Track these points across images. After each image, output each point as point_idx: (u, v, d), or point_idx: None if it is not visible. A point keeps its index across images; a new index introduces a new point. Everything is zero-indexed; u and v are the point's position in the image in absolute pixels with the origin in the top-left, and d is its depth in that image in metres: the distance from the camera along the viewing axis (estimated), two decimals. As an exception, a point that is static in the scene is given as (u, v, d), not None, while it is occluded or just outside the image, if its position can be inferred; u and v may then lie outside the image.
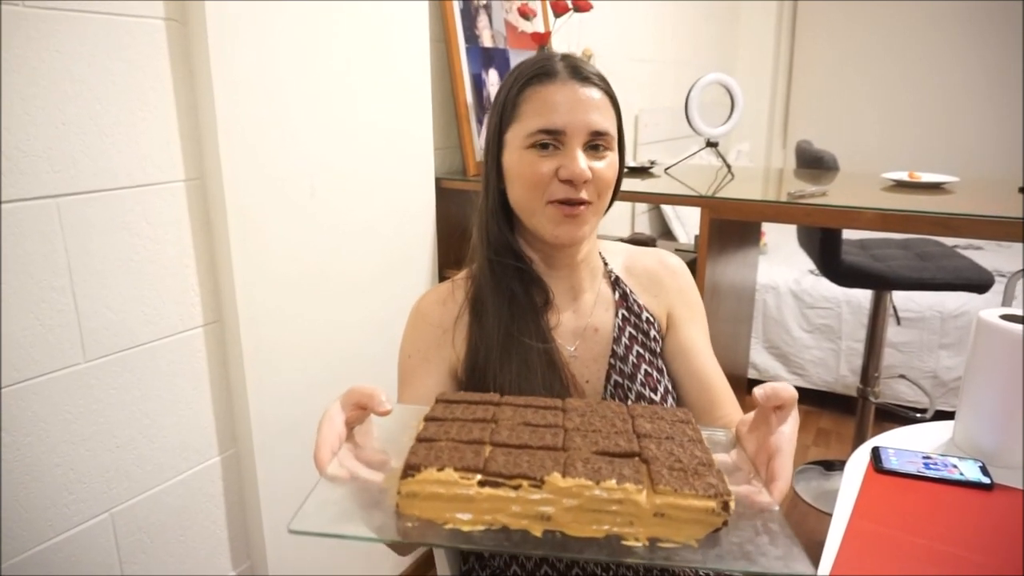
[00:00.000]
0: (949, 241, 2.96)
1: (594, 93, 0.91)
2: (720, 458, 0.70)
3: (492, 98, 2.03)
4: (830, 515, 0.87)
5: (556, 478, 0.57)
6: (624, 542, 0.57)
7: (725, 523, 0.57)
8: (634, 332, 1.00)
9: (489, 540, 0.58)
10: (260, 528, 1.50)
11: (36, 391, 1.12)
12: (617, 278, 1.03)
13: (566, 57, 0.93)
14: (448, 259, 1.93)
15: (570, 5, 2.00)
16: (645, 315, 1.02)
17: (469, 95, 1.93)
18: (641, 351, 1.00)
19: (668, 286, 1.05)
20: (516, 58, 2.14)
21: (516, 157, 0.92)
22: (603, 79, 0.93)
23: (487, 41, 2.03)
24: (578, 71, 0.91)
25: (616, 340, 0.99)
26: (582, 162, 0.88)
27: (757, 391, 0.70)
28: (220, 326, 1.40)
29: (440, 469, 0.58)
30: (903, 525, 0.83)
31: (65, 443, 1.17)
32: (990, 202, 1.72)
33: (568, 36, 2.43)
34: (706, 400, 0.99)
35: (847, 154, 2.87)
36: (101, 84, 1.15)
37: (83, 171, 1.14)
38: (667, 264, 1.07)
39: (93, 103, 1.14)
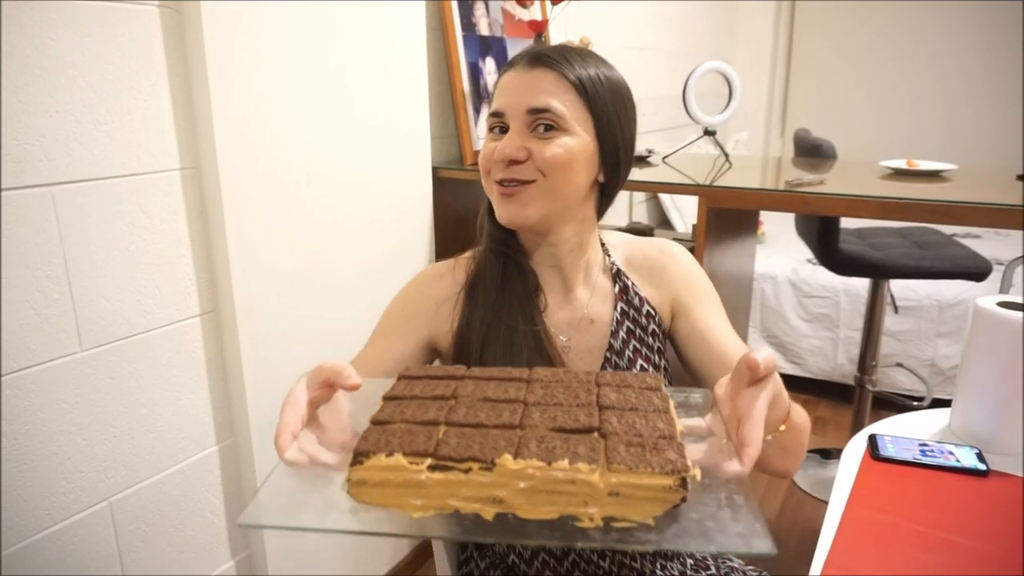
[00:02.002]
0: (947, 229, 2.96)
1: (542, 74, 0.89)
2: (694, 422, 0.68)
3: (488, 87, 2.03)
4: (827, 503, 0.87)
5: (507, 460, 0.56)
6: (578, 523, 0.55)
7: (684, 499, 0.55)
8: (632, 327, 0.99)
9: (440, 527, 0.57)
10: (258, 517, 1.50)
11: (32, 380, 1.12)
12: (619, 271, 1.02)
13: (545, 46, 0.94)
14: (445, 248, 1.92)
15: (567, -8, 1.99)
16: (646, 309, 1.00)
17: (466, 84, 1.92)
18: (638, 346, 0.99)
19: (670, 273, 1.02)
20: (513, 46, 2.13)
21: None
22: (572, 67, 0.90)
23: (484, 29, 2.01)
24: (536, 58, 0.90)
25: (613, 333, 0.98)
26: (509, 141, 0.88)
27: (747, 358, 0.65)
28: (216, 315, 1.40)
29: (389, 455, 0.57)
30: (900, 512, 0.84)
31: (62, 432, 1.17)
32: (988, 190, 1.72)
33: (565, 24, 2.42)
34: None
35: (845, 142, 2.86)
36: (95, 72, 1.14)
37: (77, 160, 1.13)
38: (668, 251, 1.04)
39: (87, 91, 1.13)
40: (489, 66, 2.03)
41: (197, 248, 1.35)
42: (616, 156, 0.94)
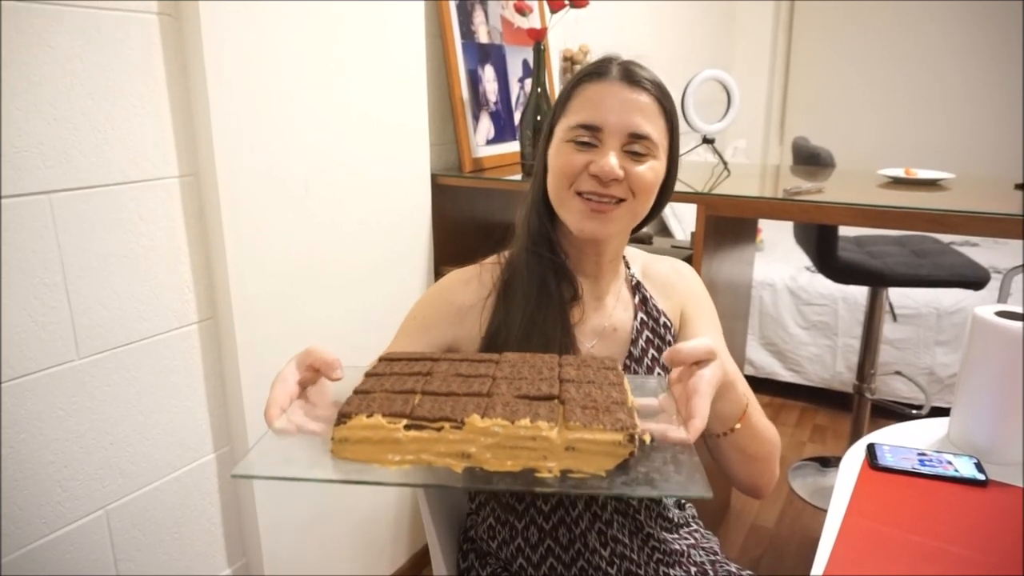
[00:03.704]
0: (945, 238, 2.97)
1: (641, 97, 0.91)
2: (647, 401, 0.75)
3: (487, 94, 2.03)
4: (825, 511, 0.87)
5: (475, 419, 0.62)
6: (538, 475, 0.62)
7: (632, 454, 0.62)
8: (651, 336, 1.02)
9: (414, 476, 0.64)
10: (255, 525, 1.49)
11: (30, 388, 1.12)
12: (638, 282, 1.06)
13: (627, 61, 0.94)
14: (443, 256, 1.92)
15: (566, 1, 1.99)
16: (663, 320, 1.04)
17: (465, 91, 1.92)
18: (656, 355, 1.02)
19: (680, 288, 1.07)
20: (512, 54, 2.14)
21: (556, 149, 0.94)
22: (659, 87, 0.93)
23: (483, 37, 2.02)
24: (630, 74, 0.91)
25: (633, 341, 1.01)
26: (613, 160, 0.89)
27: (664, 354, 0.74)
28: (215, 322, 1.40)
29: (370, 416, 0.63)
30: (898, 522, 0.83)
31: (59, 440, 1.17)
32: (986, 199, 1.72)
33: (564, 32, 2.43)
34: None
35: (843, 151, 2.87)
36: (94, 79, 1.14)
37: (76, 167, 1.13)
38: (679, 269, 1.10)
39: (86, 98, 1.13)
40: (488, 74, 2.03)
41: (195, 255, 1.34)
42: (673, 177, 0.99)
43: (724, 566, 1.03)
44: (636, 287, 1.05)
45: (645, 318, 1.03)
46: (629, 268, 1.07)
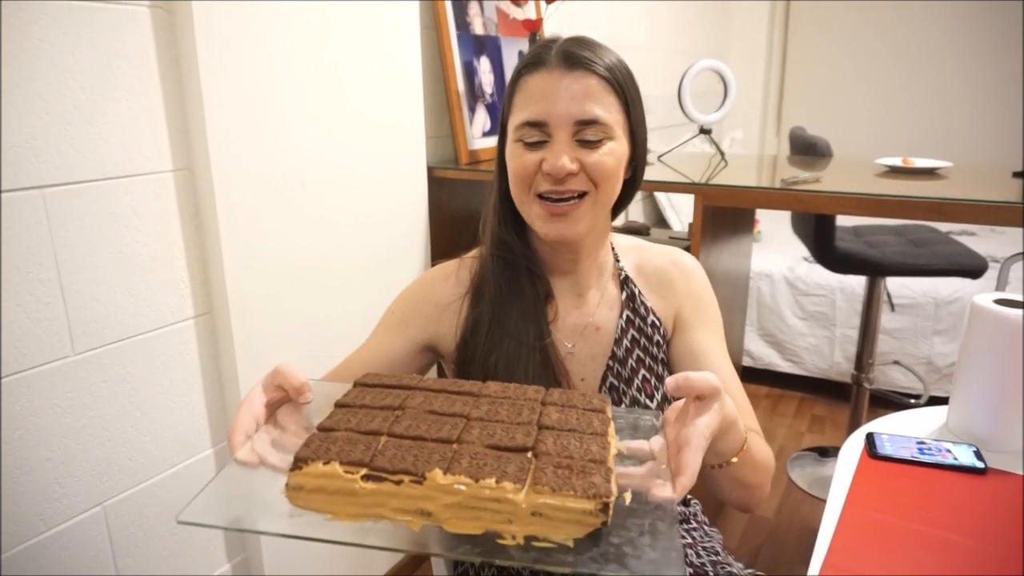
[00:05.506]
0: (943, 227, 2.97)
1: (585, 79, 0.85)
2: (638, 444, 0.69)
3: (483, 86, 2.02)
4: (825, 501, 0.87)
5: (437, 475, 0.57)
6: (500, 540, 0.57)
7: (605, 523, 0.56)
8: (637, 335, 0.97)
9: (369, 532, 0.59)
10: (254, 520, 1.49)
11: (25, 384, 1.11)
12: (627, 277, 1.00)
13: (568, 41, 0.88)
14: (441, 248, 1.92)
15: (562, -9, 1.98)
16: (651, 319, 0.98)
17: (461, 83, 1.92)
18: (642, 355, 0.97)
19: (678, 287, 1.00)
20: (507, 46, 2.13)
21: (510, 150, 0.90)
22: (604, 62, 0.87)
23: (478, 29, 2.01)
24: (569, 57, 0.86)
25: (617, 341, 0.96)
26: (563, 155, 0.84)
27: (668, 380, 0.67)
28: (211, 318, 1.39)
29: (326, 463, 0.59)
30: (897, 511, 0.83)
31: (56, 436, 1.16)
32: (984, 187, 1.72)
33: (560, 23, 2.41)
34: None
35: (841, 140, 2.86)
36: (86, 73, 1.13)
37: (69, 161, 1.12)
38: (680, 264, 1.02)
39: (78, 92, 1.12)
40: (483, 65, 2.02)
41: (191, 250, 1.34)
42: (643, 152, 0.93)
43: (726, 567, 0.99)
44: (624, 282, 0.99)
45: (631, 316, 0.97)
46: (619, 261, 1.01)
